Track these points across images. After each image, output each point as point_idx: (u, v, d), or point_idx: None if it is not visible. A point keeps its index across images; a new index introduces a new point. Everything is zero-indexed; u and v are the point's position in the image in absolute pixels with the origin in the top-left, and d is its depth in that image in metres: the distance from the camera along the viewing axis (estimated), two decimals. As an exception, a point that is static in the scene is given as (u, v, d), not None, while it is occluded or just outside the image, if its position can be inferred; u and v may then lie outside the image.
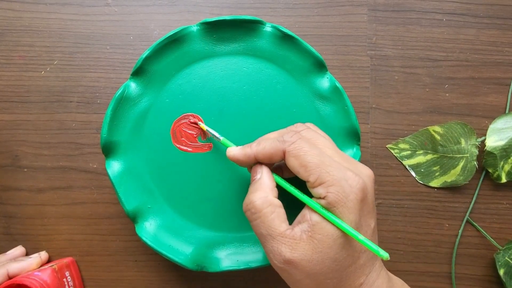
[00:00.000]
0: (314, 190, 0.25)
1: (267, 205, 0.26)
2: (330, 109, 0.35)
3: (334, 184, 0.24)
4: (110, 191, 0.38)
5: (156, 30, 0.39)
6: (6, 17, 0.39)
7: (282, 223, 0.25)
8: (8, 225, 0.38)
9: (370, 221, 0.26)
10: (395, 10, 0.40)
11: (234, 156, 0.29)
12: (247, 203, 0.27)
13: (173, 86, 0.35)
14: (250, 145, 0.29)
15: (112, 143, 0.34)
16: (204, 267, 0.32)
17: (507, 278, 0.36)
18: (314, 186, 0.25)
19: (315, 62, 0.35)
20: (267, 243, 0.26)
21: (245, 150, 0.29)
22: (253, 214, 0.26)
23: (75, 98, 0.39)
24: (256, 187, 0.27)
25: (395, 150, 0.39)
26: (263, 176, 0.28)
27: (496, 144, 0.37)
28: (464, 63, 0.40)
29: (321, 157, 0.25)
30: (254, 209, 0.26)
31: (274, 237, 0.25)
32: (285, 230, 0.25)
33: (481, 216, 0.39)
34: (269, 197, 0.26)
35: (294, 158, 0.26)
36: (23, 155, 0.38)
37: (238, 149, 0.29)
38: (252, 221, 0.26)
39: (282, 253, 0.25)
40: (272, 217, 0.25)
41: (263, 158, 0.28)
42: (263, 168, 0.28)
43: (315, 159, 0.25)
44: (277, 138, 0.27)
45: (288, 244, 0.25)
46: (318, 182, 0.25)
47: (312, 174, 0.25)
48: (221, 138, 0.32)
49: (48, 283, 0.33)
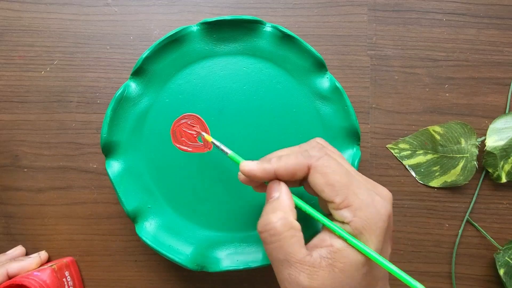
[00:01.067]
0: (338, 212, 0.23)
1: (288, 228, 0.23)
2: (330, 109, 0.35)
3: (362, 209, 0.23)
4: (110, 191, 0.38)
5: (156, 30, 0.39)
6: (6, 17, 0.39)
7: (302, 249, 0.23)
8: (8, 225, 0.38)
9: (389, 248, 0.25)
10: (395, 10, 0.40)
11: (251, 171, 0.26)
12: (265, 223, 0.24)
13: (173, 86, 0.35)
14: (269, 160, 0.26)
15: (112, 143, 0.34)
16: (204, 267, 0.32)
17: (507, 278, 0.36)
18: (339, 208, 0.23)
19: (315, 62, 0.35)
20: (283, 270, 0.23)
21: (264, 166, 0.26)
22: (271, 236, 0.24)
23: (75, 98, 0.39)
24: (274, 207, 0.24)
25: (395, 150, 0.39)
26: (282, 195, 0.25)
27: (496, 144, 0.37)
28: (464, 63, 0.40)
29: (349, 177, 0.24)
30: (273, 231, 0.24)
31: (292, 263, 0.23)
32: (304, 256, 0.23)
33: (481, 216, 0.39)
34: (289, 218, 0.24)
35: (320, 175, 0.24)
36: (23, 155, 0.38)
37: (255, 164, 0.26)
38: (269, 244, 0.24)
39: (300, 281, 0.23)
40: (292, 242, 0.23)
41: (284, 174, 0.25)
42: (282, 185, 0.25)
43: (343, 179, 0.23)
44: (301, 153, 0.25)
45: (307, 272, 0.23)
46: (344, 204, 0.23)
47: (339, 194, 0.23)
48: (229, 152, 0.29)
49: (47, 283, 0.33)
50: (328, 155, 0.25)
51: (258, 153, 0.35)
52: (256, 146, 0.35)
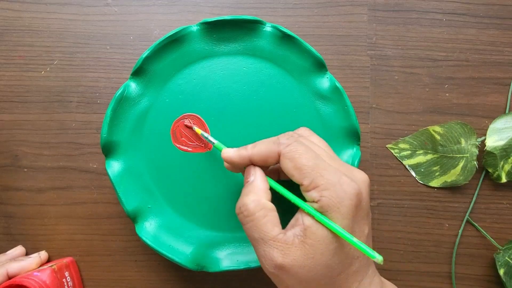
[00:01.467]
0: (307, 194, 0.25)
1: (260, 208, 0.25)
2: (330, 109, 0.35)
3: (328, 188, 0.24)
4: (110, 191, 0.38)
5: (156, 30, 0.39)
6: (6, 17, 0.39)
7: (275, 227, 0.25)
8: (8, 225, 0.38)
9: (364, 227, 0.26)
10: (395, 10, 0.40)
11: (229, 157, 0.29)
12: (240, 205, 0.26)
13: (173, 86, 0.35)
14: (246, 147, 0.28)
15: (112, 143, 0.34)
16: (204, 267, 0.32)
17: (507, 278, 0.36)
18: (308, 189, 0.25)
19: (315, 62, 0.35)
20: (259, 247, 0.25)
21: (240, 152, 0.28)
22: (245, 217, 0.26)
23: (75, 98, 0.39)
24: (249, 190, 0.26)
25: (395, 150, 0.39)
26: (257, 179, 0.27)
27: (496, 144, 0.37)
28: (464, 63, 0.40)
29: (316, 160, 0.25)
30: (246, 212, 0.25)
31: (266, 241, 0.25)
32: (278, 234, 0.24)
33: (481, 216, 0.39)
34: (262, 200, 0.26)
35: (288, 160, 0.25)
36: (23, 155, 0.38)
37: (233, 151, 0.29)
38: (245, 224, 0.26)
39: (274, 258, 0.24)
40: (265, 221, 0.25)
41: (258, 160, 0.27)
42: (256, 170, 0.28)
43: (310, 162, 0.25)
44: (273, 140, 0.27)
45: (280, 248, 0.24)
46: (312, 185, 0.24)
47: (307, 177, 0.24)
48: (215, 141, 0.32)
49: (47, 283, 0.33)
50: (297, 141, 0.26)
51: (258, 153, 0.35)
52: (256, 146, 0.35)
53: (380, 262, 0.22)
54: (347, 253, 0.25)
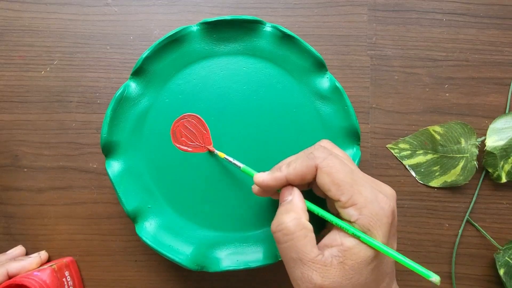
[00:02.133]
0: (345, 210, 0.24)
1: (301, 228, 0.25)
2: (330, 109, 0.35)
3: (367, 207, 0.24)
4: (110, 191, 0.38)
5: (156, 30, 0.39)
6: (6, 17, 0.39)
7: (314, 248, 0.24)
8: (8, 225, 0.38)
9: (394, 244, 0.26)
10: (395, 10, 0.40)
11: (264, 182, 0.27)
12: (278, 223, 0.25)
13: (173, 86, 0.35)
14: (279, 168, 0.27)
15: (112, 143, 0.34)
16: (204, 267, 0.32)
17: (507, 278, 0.36)
18: (346, 206, 0.24)
19: (315, 62, 0.35)
20: (296, 269, 0.24)
21: (275, 175, 0.27)
22: (284, 236, 0.25)
23: (75, 98, 0.39)
24: (287, 208, 0.26)
25: (395, 150, 0.39)
26: (295, 197, 0.26)
27: (496, 144, 0.37)
28: (464, 63, 0.40)
29: (353, 175, 0.25)
30: (286, 230, 0.25)
31: (304, 262, 0.24)
32: (317, 255, 0.24)
33: (481, 216, 0.39)
34: (302, 219, 0.25)
35: (326, 175, 0.25)
36: (23, 155, 0.38)
37: (267, 175, 0.27)
38: (282, 243, 0.25)
39: (313, 280, 0.24)
40: (305, 242, 0.24)
41: (295, 179, 0.26)
42: (294, 189, 0.27)
43: (348, 178, 0.24)
44: (306, 155, 0.26)
45: (318, 270, 0.24)
46: (350, 202, 0.24)
47: (345, 193, 0.24)
48: (242, 165, 0.31)
49: (47, 283, 0.33)
50: (332, 155, 0.26)
51: (258, 153, 0.35)
52: (256, 146, 0.35)
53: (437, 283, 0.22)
54: (381, 270, 0.25)
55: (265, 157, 0.35)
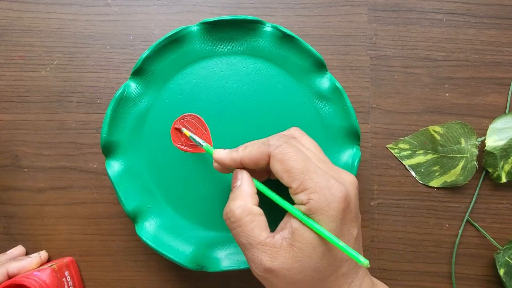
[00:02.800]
0: (296, 196, 0.25)
1: (247, 214, 0.25)
2: (330, 109, 0.35)
3: (316, 191, 0.24)
4: (110, 191, 0.38)
5: (156, 30, 0.39)
6: (6, 17, 0.39)
7: (262, 232, 0.25)
8: (8, 225, 0.38)
9: (353, 230, 0.26)
10: (395, 10, 0.40)
11: (220, 159, 0.28)
12: (227, 211, 0.26)
13: (173, 86, 0.35)
14: (237, 149, 0.28)
15: (112, 143, 0.34)
16: (204, 267, 0.32)
17: (507, 278, 0.36)
18: (297, 192, 0.25)
19: (315, 62, 0.35)
20: (248, 252, 0.25)
21: (231, 154, 0.28)
22: (232, 223, 0.26)
23: (75, 98, 0.39)
24: (236, 195, 0.27)
25: (395, 150, 0.39)
26: (243, 183, 0.27)
27: (496, 144, 0.37)
28: (464, 63, 0.40)
29: (306, 163, 0.25)
30: (233, 217, 0.25)
31: (254, 245, 0.25)
32: (265, 238, 0.25)
33: (481, 216, 0.39)
34: (248, 205, 0.26)
35: (278, 162, 0.25)
36: (23, 155, 0.38)
37: (225, 153, 0.28)
38: (232, 230, 0.26)
39: (262, 261, 0.24)
40: (252, 226, 0.25)
41: (248, 163, 0.27)
42: (243, 174, 0.28)
43: (299, 165, 0.25)
44: (263, 142, 0.27)
45: (268, 252, 0.24)
46: (300, 188, 0.24)
47: (296, 180, 0.24)
48: (204, 144, 0.32)
49: (47, 283, 0.33)
50: (287, 143, 0.26)
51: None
52: (256, 146, 0.35)
53: (366, 266, 0.22)
54: (335, 255, 0.25)
55: (265, 157, 0.35)
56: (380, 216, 0.39)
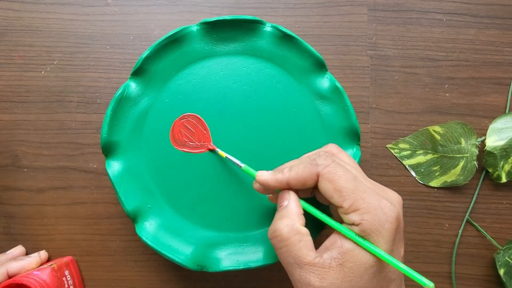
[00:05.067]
0: (347, 216, 0.24)
1: (294, 233, 0.25)
2: (330, 109, 0.35)
3: (369, 212, 0.24)
4: (110, 191, 0.38)
5: (156, 30, 0.39)
6: (6, 17, 0.39)
7: (310, 252, 0.25)
8: (8, 225, 0.38)
9: (401, 249, 0.26)
10: (395, 10, 0.40)
11: (265, 181, 0.28)
12: (273, 230, 0.26)
13: (173, 86, 0.35)
14: (282, 170, 0.27)
15: (112, 143, 0.34)
16: (204, 267, 0.32)
17: (507, 278, 0.36)
18: (348, 212, 0.24)
19: (315, 62, 0.35)
20: (295, 272, 0.25)
21: (277, 176, 0.27)
22: (279, 242, 0.25)
23: (75, 98, 0.39)
24: (282, 214, 0.26)
25: (395, 150, 0.39)
26: (291, 203, 0.27)
27: (496, 144, 0.37)
28: (464, 63, 0.40)
29: (356, 182, 0.25)
30: (280, 237, 0.25)
31: (301, 266, 0.24)
32: (314, 258, 0.24)
33: (481, 216, 0.39)
34: (296, 225, 0.25)
35: (328, 182, 0.25)
36: (23, 155, 0.38)
37: (269, 174, 0.28)
38: (278, 249, 0.26)
39: (311, 282, 0.24)
40: (300, 246, 0.25)
41: (295, 184, 0.27)
42: (290, 194, 0.27)
43: (349, 184, 0.24)
44: (310, 162, 0.26)
45: (316, 273, 0.24)
46: (352, 208, 0.24)
47: (347, 199, 0.24)
48: (243, 165, 0.31)
49: (47, 282, 0.33)
50: (335, 162, 0.26)
51: (258, 153, 0.35)
52: (256, 146, 0.35)
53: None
54: (384, 276, 0.25)
55: (265, 157, 0.35)
56: (380, 216, 0.38)
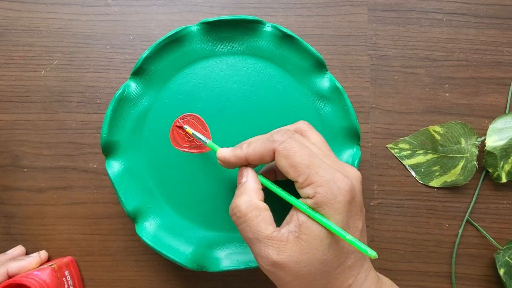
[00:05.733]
0: (302, 190, 0.25)
1: (252, 209, 0.26)
2: (330, 109, 0.35)
3: (322, 185, 0.24)
4: (110, 191, 0.38)
5: (156, 30, 0.39)
6: (6, 17, 0.39)
7: (269, 226, 0.25)
8: (8, 225, 0.38)
9: (358, 222, 0.26)
10: (395, 10, 0.40)
11: (224, 157, 0.29)
12: (233, 207, 0.26)
13: (173, 86, 0.35)
14: (241, 146, 0.28)
15: (112, 143, 0.34)
16: (204, 267, 0.32)
17: (507, 278, 0.36)
18: (303, 186, 0.25)
19: (315, 62, 0.35)
20: (254, 247, 0.25)
21: (236, 152, 0.28)
22: (238, 218, 0.26)
23: (75, 98, 0.39)
24: (241, 191, 0.27)
25: (395, 150, 0.39)
26: (248, 179, 0.27)
27: (496, 144, 0.37)
28: (464, 63, 0.40)
29: (311, 157, 0.25)
30: (239, 213, 0.26)
31: (260, 240, 0.25)
32: (272, 232, 0.25)
33: (481, 216, 0.39)
34: (253, 200, 0.26)
35: (284, 158, 0.25)
36: (23, 155, 0.38)
37: (229, 151, 0.29)
38: (238, 225, 0.26)
39: (269, 255, 0.24)
40: (258, 221, 0.25)
41: (253, 159, 0.27)
42: (248, 170, 0.28)
43: (304, 160, 0.25)
44: (267, 138, 0.27)
45: (275, 246, 0.24)
46: (306, 182, 0.25)
47: (302, 174, 0.25)
48: (207, 141, 0.32)
49: (47, 282, 0.33)
50: (291, 138, 0.26)
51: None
52: (256, 146, 0.35)
53: (374, 257, 0.23)
54: (342, 248, 0.25)
55: (265, 157, 0.35)
56: (380, 216, 0.39)
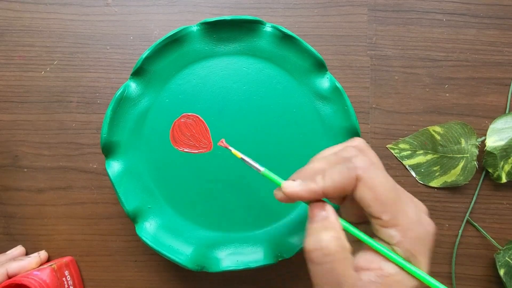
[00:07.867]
0: (385, 230, 0.22)
1: (342, 249, 0.22)
2: (330, 109, 0.35)
3: (411, 229, 0.21)
4: (110, 191, 0.38)
5: (156, 30, 0.39)
6: (6, 17, 0.39)
7: (354, 273, 0.22)
8: (8, 225, 0.38)
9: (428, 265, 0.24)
10: (395, 10, 0.40)
11: (295, 193, 0.23)
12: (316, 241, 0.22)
13: (173, 86, 0.35)
14: (313, 178, 0.23)
15: (112, 143, 0.34)
16: (204, 267, 0.32)
17: (507, 278, 0.36)
18: (387, 226, 0.22)
19: (315, 62, 0.35)
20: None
21: (310, 186, 0.23)
22: (324, 256, 0.21)
23: (75, 98, 0.39)
24: (325, 225, 0.22)
25: (395, 150, 0.39)
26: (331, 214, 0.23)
27: (496, 144, 0.37)
28: (464, 63, 0.40)
29: (397, 192, 0.22)
30: (326, 250, 0.21)
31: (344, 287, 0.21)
32: (356, 281, 0.21)
33: (481, 216, 0.39)
34: (342, 239, 0.22)
35: (368, 189, 0.22)
36: (23, 155, 0.38)
37: (298, 185, 0.23)
38: (319, 265, 0.22)
39: None
40: (347, 264, 0.21)
41: (333, 193, 0.23)
42: (327, 205, 0.23)
43: (391, 194, 0.22)
44: (345, 165, 0.22)
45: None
46: (392, 222, 0.21)
47: (387, 212, 0.21)
48: (262, 169, 0.26)
49: (47, 282, 0.33)
50: (373, 164, 0.23)
51: (258, 153, 0.35)
52: (256, 146, 0.35)
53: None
54: None
55: (265, 157, 0.35)
56: (380, 216, 0.38)
